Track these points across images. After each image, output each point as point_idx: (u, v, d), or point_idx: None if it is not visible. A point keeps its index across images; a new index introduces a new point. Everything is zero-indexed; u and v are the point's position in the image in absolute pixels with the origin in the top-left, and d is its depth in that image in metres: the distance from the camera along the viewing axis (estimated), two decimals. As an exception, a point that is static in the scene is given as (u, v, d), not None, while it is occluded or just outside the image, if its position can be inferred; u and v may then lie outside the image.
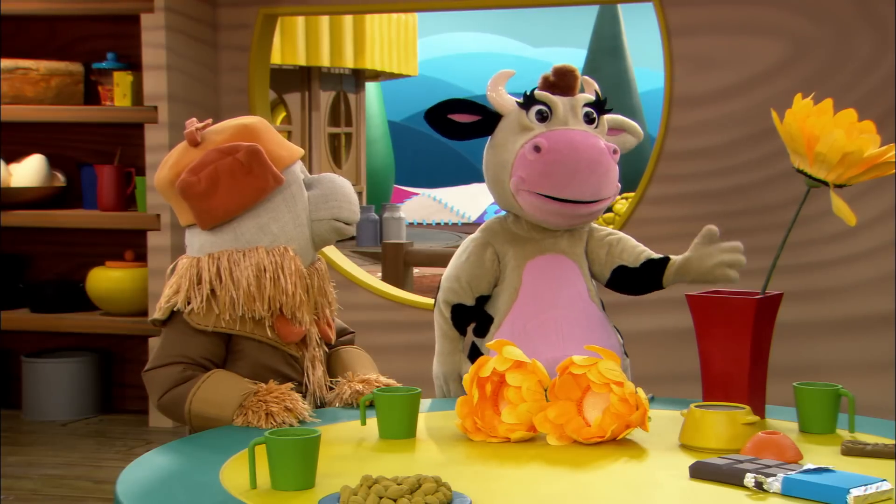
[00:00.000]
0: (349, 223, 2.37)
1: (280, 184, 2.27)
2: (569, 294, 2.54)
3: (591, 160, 2.49)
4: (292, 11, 4.74)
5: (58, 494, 3.68)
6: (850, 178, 2.08)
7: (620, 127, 2.67)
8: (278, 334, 2.28)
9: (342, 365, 2.40)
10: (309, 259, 2.35)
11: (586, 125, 2.55)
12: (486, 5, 4.73)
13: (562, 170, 2.48)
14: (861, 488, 1.60)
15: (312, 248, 2.35)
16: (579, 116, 2.54)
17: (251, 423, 2.13)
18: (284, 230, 2.29)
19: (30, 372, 4.71)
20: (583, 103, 2.57)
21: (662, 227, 4.19)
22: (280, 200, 2.29)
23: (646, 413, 1.99)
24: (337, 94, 12.46)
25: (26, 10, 4.69)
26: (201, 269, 2.26)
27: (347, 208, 2.35)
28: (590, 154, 2.49)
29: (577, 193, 2.49)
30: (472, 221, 15.08)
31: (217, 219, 2.26)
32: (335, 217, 2.34)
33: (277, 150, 2.31)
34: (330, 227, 2.34)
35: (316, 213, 2.33)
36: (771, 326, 2.16)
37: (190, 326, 2.25)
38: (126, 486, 1.76)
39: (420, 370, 4.02)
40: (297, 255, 2.29)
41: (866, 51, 4.03)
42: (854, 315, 4.06)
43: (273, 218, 2.28)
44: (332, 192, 2.35)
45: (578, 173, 2.48)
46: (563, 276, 2.56)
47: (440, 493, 1.56)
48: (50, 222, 4.74)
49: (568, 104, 2.55)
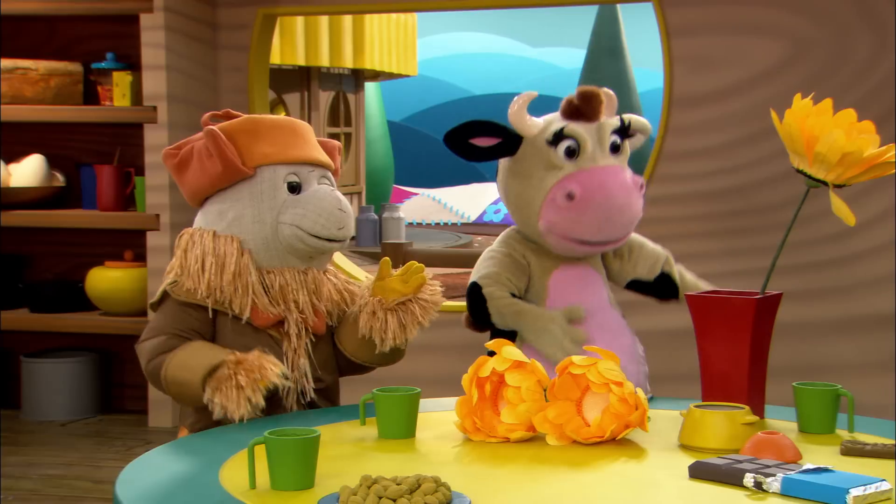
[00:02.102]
0: (314, 235, 2.32)
1: (238, 172, 2.30)
2: (594, 302, 2.51)
3: (624, 205, 2.44)
4: (292, 11, 4.74)
5: (57, 494, 3.68)
6: (850, 178, 2.08)
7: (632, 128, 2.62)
8: (251, 316, 2.30)
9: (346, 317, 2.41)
10: (274, 261, 2.34)
11: (612, 156, 2.49)
12: (485, 5, 4.73)
13: (595, 218, 2.42)
14: (860, 488, 1.60)
15: (279, 251, 2.34)
16: (606, 148, 2.47)
17: (222, 403, 2.15)
18: (240, 221, 2.32)
19: (29, 372, 4.71)
20: (609, 131, 2.48)
21: (662, 227, 4.19)
22: (246, 192, 2.32)
23: (645, 413, 1.99)
24: (336, 94, 12.46)
25: (26, 10, 4.69)
26: (179, 243, 2.38)
27: (313, 220, 2.31)
28: (623, 199, 2.44)
29: (608, 235, 2.46)
30: (472, 221, 15.09)
31: (190, 196, 2.39)
32: (296, 224, 2.31)
33: (264, 145, 2.33)
34: (292, 233, 2.32)
35: (282, 216, 2.32)
36: (770, 326, 2.16)
37: (177, 302, 2.32)
38: (125, 486, 1.76)
39: (420, 370, 4.02)
40: (252, 250, 2.31)
41: (866, 51, 4.03)
42: (854, 315, 4.07)
43: (232, 207, 2.33)
44: (306, 200, 2.33)
45: (611, 219, 2.44)
46: (587, 285, 2.54)
47: (439, 493, 1.56)
48: (49, 222, 4.74)
49: (595, 136, 2.46)
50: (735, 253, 4.13)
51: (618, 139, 2.50)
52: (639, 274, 2.57)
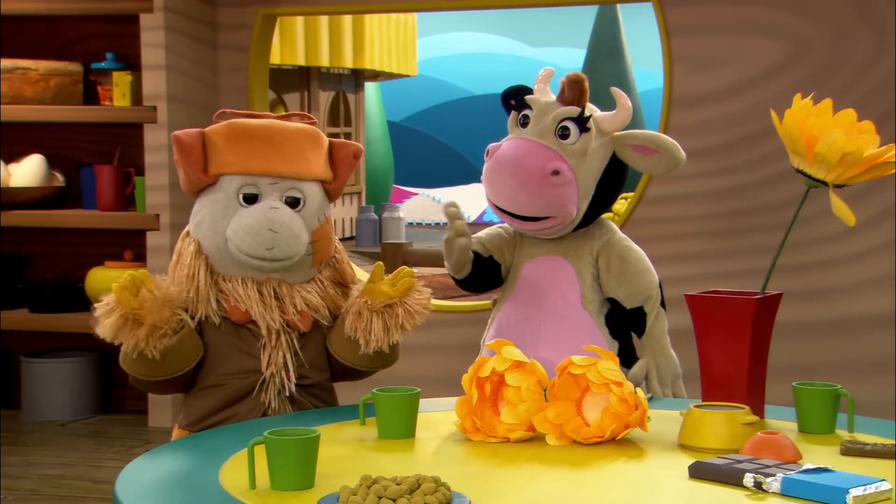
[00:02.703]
0: (244, 253, 2.31)
1: (200, 181, 2.35)
2: (554, 297, 2.54)
3: (507, 175, 2.52)
4: (291, 11, 4.74)
5: (57, 494, 3.68)
6: (850, 178, 2.08)
7: (655, 146, 2.54)
8: (228, 311, 2.34)
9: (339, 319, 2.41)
10: (231, 269, 2.34)
11: (555, 138, 2.52)
12: (485, 5, 4.73)
13: (491, 179, 2.56)
14: (860, 488, 1.60)
15: (230, 259, 2.33)
16: (549, 129, 2.53)
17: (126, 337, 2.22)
18: (201, 225, 2.37)
19: (29, 372, 4.71)
20: (561, 118, 2.53)
21: (662, 227, 4.19)
22: (209, 198, 2.36)
23: (645, 413, 1.99)
24: (336, 94, 12.46)
25: (25, 10, 4.69)
26: None
27: (241, 238, 2.30)
28: (507, 169, 2.52)
29: (507, 205, 2.54)
30: (472, 221, 15.08)
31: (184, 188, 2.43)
32: (230, 238, 2.32)
33: (229, 155, 2.34)
34: (233, 245, 2.32)
35: (227, 229, 2.33)
36: (770, 326, 2.16)
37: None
38: (125, 486, 1.76)
39: (420, 370, 4.02)
40: (208, 255, 2.34)
41: (865, 51, 4.03)
42: (853, 315, 4.06)
43: (199, 210, 2.39)
44: (240, 217, 2.32)
45: (503, 185, 2.52)
46: (554, 278, 2.57)
47: (439, 493, 1.56)
48: (49, 222, 4.74)
49: (544, 114, 2.54)
50: (735, 253, 4.13)
51: (570, 128, 2.51)
52: (617, 295, 2.58)
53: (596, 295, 2.58)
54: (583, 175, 2.52)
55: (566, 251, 2.58)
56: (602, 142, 2.54)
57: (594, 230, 2.61)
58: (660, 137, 2.55)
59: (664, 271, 4.13)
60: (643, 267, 2.59)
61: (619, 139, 2.55)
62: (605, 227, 2.63)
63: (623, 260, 2.58)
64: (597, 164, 2.54)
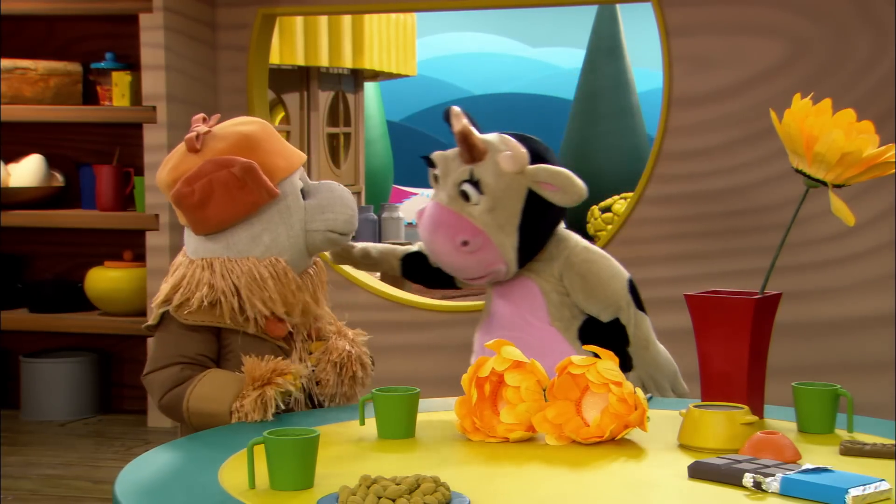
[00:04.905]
0: (344, 234, 2.38)
1: (274, 197, 2.28)
2: (522, 317, 2.58)
3: (432, 250, 2.62)
4: (291, 11, 4.74)
5: (56, 494, 3.68)
6: (849, 178, 2.08)
7: (556, 184, 2.55)
8: (265, 329, 2.30)
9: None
10: (302, 266, 2.35)
11: (459, 199, 2.56)
12: (485, 5, 4.73)
13: (425, 246, 2.66)
14: (860, 488, 1.60)
15: (307, 256, 2.37)
16: (454, 194, 2.57)
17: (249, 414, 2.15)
18: (277, 241, 2.30)
19: (28, 372, 4.71)
20: (459, 181, 2.56)
21: (661, 227, 4.19)
22: (275, 212, 2.30)
23: (644, 413, 1.99)
24: (336, 94, 12.44)
25: (25, 10, 4.69)
26: (195, 271, 2.29)
27: (343, 219, 2.36)
28: (429, 245, 2.62)
29: (446, 270, 2.65)
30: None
31: (210, 228, 2.29)
32: (330, 228, 2.35)
33: (276, 160, 2.31)
34: (324, 237, 2.35)
35: (311, 224, 2.33)
36: (770, 326, 2.16)
37: (181, 325, 2.28)
38: (125, 486, 1.75)
39: (419, 370, 4.02)
40: (290, 264, 2.31)
41: (865, 51, 4.03)
42: (853, 315, 4.06)
43: (266, 229, 2.30)
44: (330, 202, 2.35)
45: (432, 254, 2.62)
46: (522, 299, 2.60)
47: (439, 493, 1.56)
48: (49, 222, 4.74)
49: (446, 174, 2.59)
50: (735, 253, 4.12)
51: (469, 191, 2.54)
52: (591, 312, 2.60)
53: (565, 311, 2.59)
54: (495, 231, 2.54)
55: (531, 272, 2.61)
56: (511, 183, 2.54)
57: (551, 249, 2.62)
58: (559, 174, 2.54)
59: (664, 271, 4.16)
60: (605, 277, 2.60)
61: (530, 176, 2.55)
62: (562, 244, 2.63)
63: (583, 277, 2.59)
64: (511, 207, 2.54)
